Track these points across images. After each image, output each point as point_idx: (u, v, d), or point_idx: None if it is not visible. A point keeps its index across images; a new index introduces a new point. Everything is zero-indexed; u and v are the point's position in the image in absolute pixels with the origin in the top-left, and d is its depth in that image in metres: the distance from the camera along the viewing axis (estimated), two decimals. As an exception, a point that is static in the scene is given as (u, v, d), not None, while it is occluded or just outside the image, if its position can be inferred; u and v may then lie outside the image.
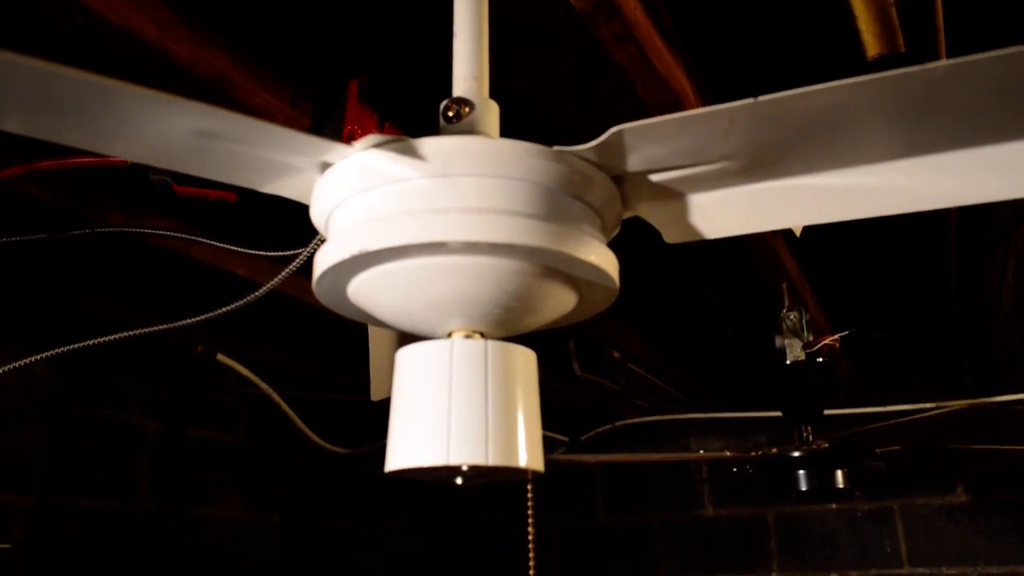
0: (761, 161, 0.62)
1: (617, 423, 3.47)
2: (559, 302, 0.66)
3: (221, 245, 1.76)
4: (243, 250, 1.68)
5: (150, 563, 2.80)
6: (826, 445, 1.83)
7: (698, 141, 0.59)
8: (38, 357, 1.68)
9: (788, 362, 1.94)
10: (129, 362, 2.78)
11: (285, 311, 2.10)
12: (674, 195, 0.66)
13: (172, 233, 1.79)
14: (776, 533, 3.54)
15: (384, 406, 0.69)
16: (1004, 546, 3.17)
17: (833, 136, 0.60)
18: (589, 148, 0.59)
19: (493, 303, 0.62)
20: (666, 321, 2.69)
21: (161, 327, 1.65)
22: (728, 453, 2.03)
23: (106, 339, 1.65)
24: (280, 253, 1.57)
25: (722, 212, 0.66)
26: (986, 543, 3.20)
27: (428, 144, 0.58)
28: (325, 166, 0.63)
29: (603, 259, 0.63)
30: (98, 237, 1.75)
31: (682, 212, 0.67)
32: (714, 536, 3.65)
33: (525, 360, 0.63)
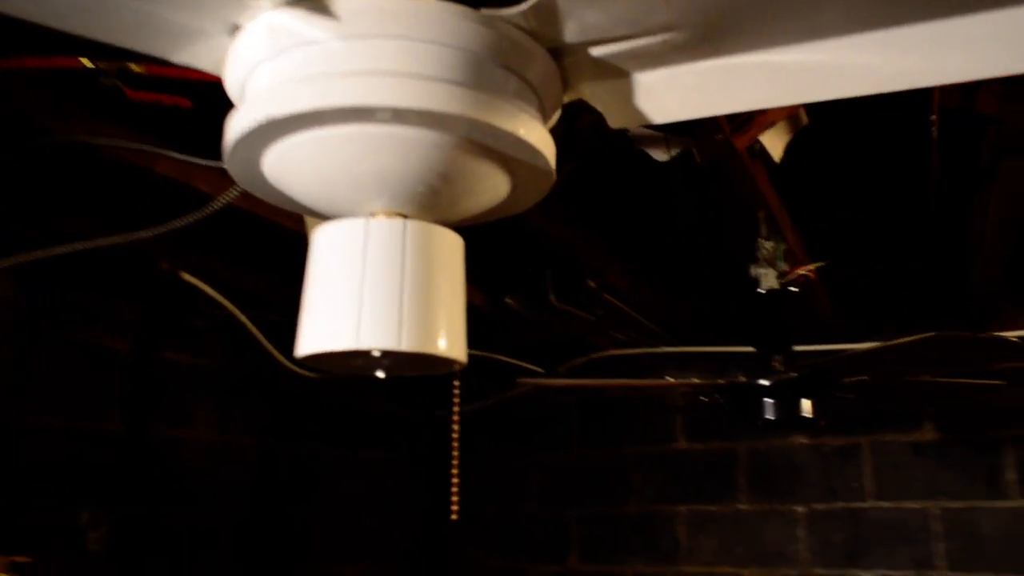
0: (709, 34, 0.57)
1: (593, 355, 3.46)
2: (491, 185, 0.62)
3: (183, 157, 1.70)
4: (204, 162, 1.62)
5: (123, 484, 2.80)
6: (794, 375, 1.82)
7: (636, 6, 0.54)
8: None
9: (761, 291, 1.91)
10: (100, 281, 2.73)
11: (258, 230, 2.05)
12: (618, 73, 0.61)
13: (135, 145, 1.73)
14: (746, 467, 3.58)
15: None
16: (966, 483, 3.20)
17: (787, 6, 0.55)
18: (519, 12, 0.54)
19: (416, 180, 0.57)
20: (646, 252, 2.66)
21: (115, 239, 1.60)
22: (695, 380, 2.01)
23: (61, 250, 1.61)
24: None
25: (669, 93, 0.62)
26: (950, 479, 3.24)
27: (343, 3, 0.53)
28: (235, 30, 0.58)
29: (537, 137, 0.59)
30: (58, 149, 1.69)
31: (627, 93, 0.62)
32: (686, 469, 3.70)
33: (450, 243, 0.59)
